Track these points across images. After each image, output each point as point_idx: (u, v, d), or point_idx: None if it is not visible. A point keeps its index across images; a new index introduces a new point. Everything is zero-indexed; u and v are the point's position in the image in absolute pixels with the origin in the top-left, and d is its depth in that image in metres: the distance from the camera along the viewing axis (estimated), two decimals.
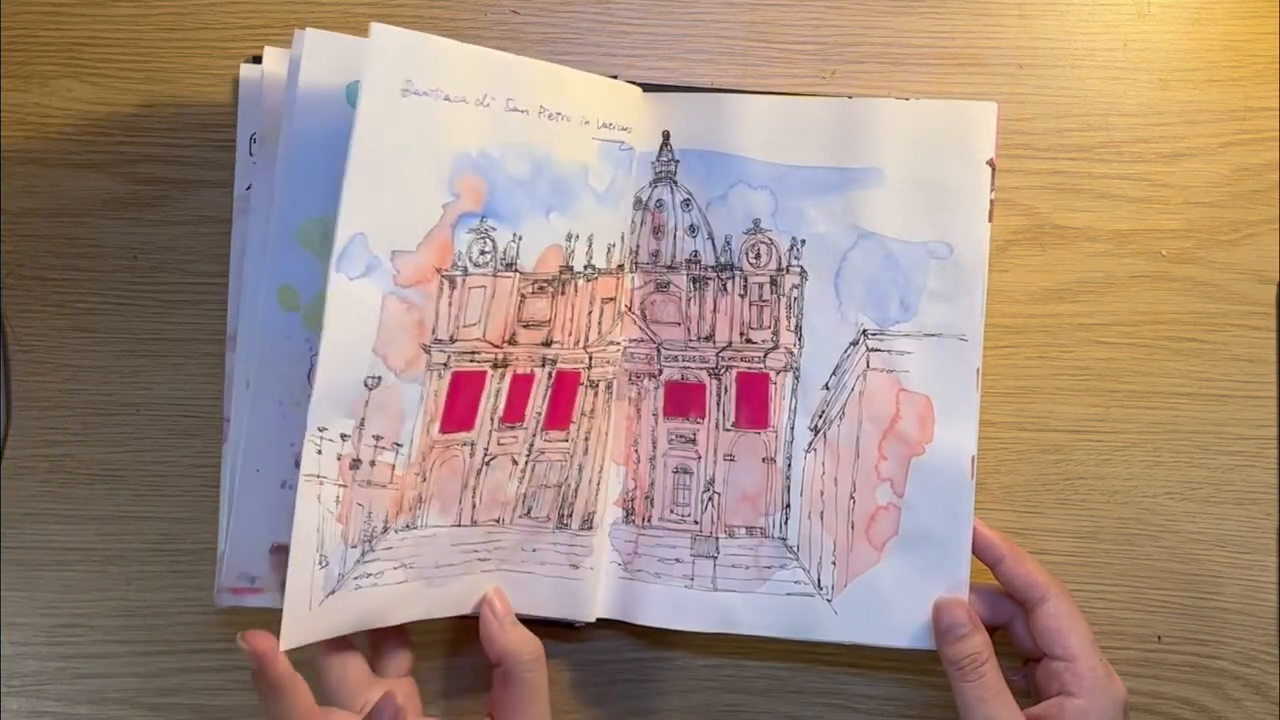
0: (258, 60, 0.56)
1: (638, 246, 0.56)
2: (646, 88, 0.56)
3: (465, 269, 0.50)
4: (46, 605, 0.57)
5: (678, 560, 0.55)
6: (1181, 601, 0.58)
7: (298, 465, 0.47)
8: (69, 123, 0.57)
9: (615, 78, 0.56)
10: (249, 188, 0.56)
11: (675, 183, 0.56)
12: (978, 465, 0.54)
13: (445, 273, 0.49)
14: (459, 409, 0.51)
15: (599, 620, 0.55)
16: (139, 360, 0.58)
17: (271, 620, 0.57)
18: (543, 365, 0.53)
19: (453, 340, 0.50)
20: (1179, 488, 0.58)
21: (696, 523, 0.56)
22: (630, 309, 0.56)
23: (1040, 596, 0.52)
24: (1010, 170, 0.57)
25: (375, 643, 0.53)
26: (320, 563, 0.48)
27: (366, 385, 0.48)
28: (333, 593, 0.48)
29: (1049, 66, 0.58)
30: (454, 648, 0.58)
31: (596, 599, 0.56)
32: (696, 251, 0.56)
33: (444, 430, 0.51)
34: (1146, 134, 0.58)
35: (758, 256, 0.55)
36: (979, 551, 0.54)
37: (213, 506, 0.57)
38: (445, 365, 0.50)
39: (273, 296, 0.51)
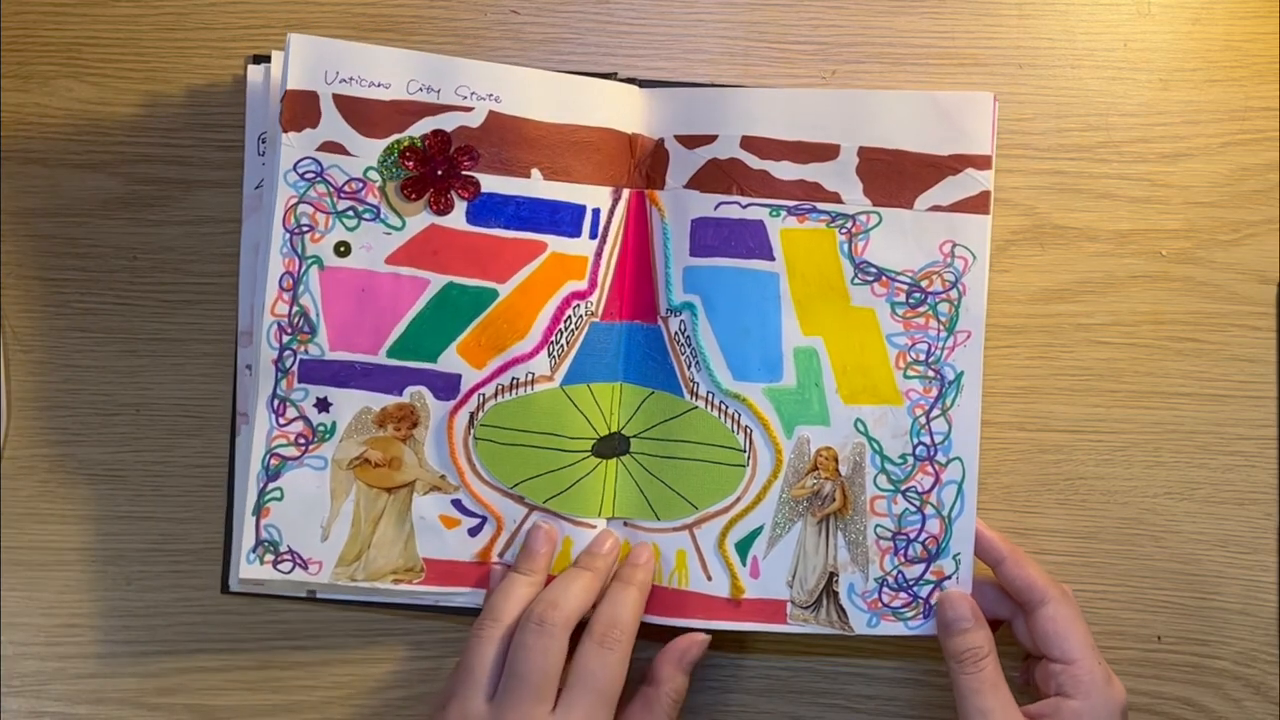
0: (259, 60, 0.56)
1: None
2: (646, 84, 0.56)
3: None
4: (46, 605, 0.57)
5: None
6: (1181, 601, 0.58)
7: None
8: (69, 123, 0.57)
9: (614, 75, 0.56)
10: (258, 187, 0.56)
11: None
12: (978, 465, 0.54)
13: None
14: None
15: None
16: (139, 360, 0.58)
17: (275, 609, 0.57)
18: None
19: None
20: (1179, 488, 0.58)
21: None
22: None
23: (1039, 599, 0.52)
24: (1010, 170, 0.57)
25: None
26: None
27: None
28: None
29: (1049, 66, 0.58)
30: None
31: None
32: None
33: None
34: (1146, 134, 0.58)
35: None
36: (980, 552, 0.54)
37: (212, 506, 0.57)
38: None
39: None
